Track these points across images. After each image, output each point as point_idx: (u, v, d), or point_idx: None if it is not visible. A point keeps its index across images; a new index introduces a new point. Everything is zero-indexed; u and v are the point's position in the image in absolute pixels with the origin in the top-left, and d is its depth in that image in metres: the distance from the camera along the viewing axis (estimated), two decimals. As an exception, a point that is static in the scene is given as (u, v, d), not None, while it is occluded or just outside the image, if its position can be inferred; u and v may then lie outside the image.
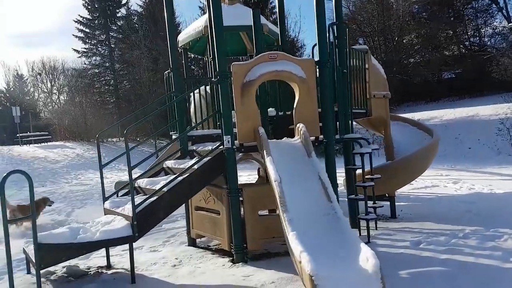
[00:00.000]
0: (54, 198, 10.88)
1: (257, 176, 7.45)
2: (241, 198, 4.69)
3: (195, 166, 4.59)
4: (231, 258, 4.70)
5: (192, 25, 8.05)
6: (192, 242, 5.54)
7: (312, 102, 4.76)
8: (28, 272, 4.71)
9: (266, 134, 4.41)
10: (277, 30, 7.11)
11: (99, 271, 4.66)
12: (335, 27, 5.43)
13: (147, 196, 4.33)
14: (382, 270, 2.83)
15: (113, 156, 22.46)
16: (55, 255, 4.05)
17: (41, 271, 4.01)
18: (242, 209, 4.72)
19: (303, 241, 3.13)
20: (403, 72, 20.98)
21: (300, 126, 4.57)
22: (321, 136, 4.79)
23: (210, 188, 5.01)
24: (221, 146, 4.70)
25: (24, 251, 4.60)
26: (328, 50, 4.94)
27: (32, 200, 4.03)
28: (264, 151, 4.25)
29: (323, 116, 4.85)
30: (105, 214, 4.80)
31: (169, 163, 5.32)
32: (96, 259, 5.04)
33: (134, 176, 4.59)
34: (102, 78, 25.03)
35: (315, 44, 5.20)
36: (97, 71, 24.92)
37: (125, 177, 16.00)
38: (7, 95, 37.17)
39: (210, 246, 5.48)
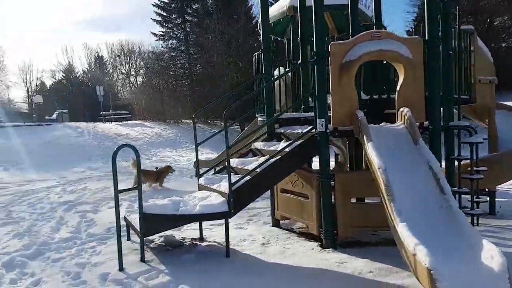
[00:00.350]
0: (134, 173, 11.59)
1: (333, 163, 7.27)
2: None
3: (287, 149, 4.54)
4: (320, 243, 4.62)
5: (275, 6, 7.95)
6: (275, 223, 5.56)
7: (418, 85, 4.45)
8: (128, 239, 5.01)
9: (363, 118, 4.23)
10: (365, 10, 6.79)
11: (194, 242, 4.84)
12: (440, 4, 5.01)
13: (242, 175, 4.37)
14: (510, 269, 2.58)
15: (187, 136, 23.48)
16: (157, 225, 4.27)
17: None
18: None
19: (415, 233, 2.95)
20: (494, 57, 19.19)
21: (405, 110, 4.31)
22: (426, 123, 4.48)
23: (299, 172, 4.94)
24: (313, 130, 4.61)
25: (126, 219, 4.89)
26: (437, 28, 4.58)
27: (139, 171, 4.23)
28: (364, 136, 4.07)
29: (429, 101, 4.53)
30: (199, 190, 4.94)
31: (258, 145, 5.33)
32: (188, 231, 5.23)
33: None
34: (178, 62, 25.95)
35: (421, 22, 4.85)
36: (173, 54, 25.88)
37: (202, 156, 16.62)
38: (89, 75, 40.03)
39: (293, 228, 5.45)
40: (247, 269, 3.93)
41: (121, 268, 4.00)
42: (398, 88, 4.49)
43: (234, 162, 5.02)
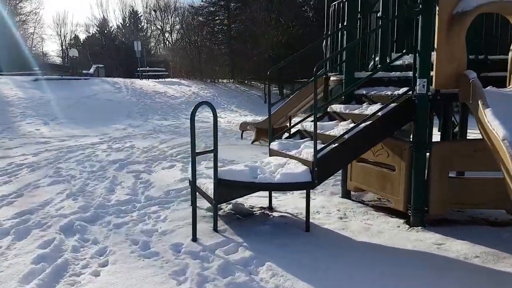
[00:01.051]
0: (180, 132, 11.27)
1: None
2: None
3: (379, 113, 3.96)
4: (406, 220, 4.14)
5: None
6: (346, 195, 5.08)
7: (541, 43, 3.76)
8: (192, 204, 4.66)
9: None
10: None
11: (264, 212, 4.44)
12: None
13: (323, 141, 3.85)
14: None
15: (225, 96, 23.08)
16: (232, 192, 3.89)
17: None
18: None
19: None
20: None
21: (525, 73, 3.64)
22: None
23: (385, 140, 4.38)
24: (410, 92, 4.00)
25: (191, 184, 4.53)
26: None
27: (216, 130, 3.78)
28: (480, 101, 3.45)
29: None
30: (270, 156, 4.48)
31: (336, 108, 4.77)
32: (253, 199, 4.83)
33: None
34: (216, 17, 24.99)
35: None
36: (212, 9, 24.90)
37: (243, 118, 16.21)
38: (123, 30, 39.60)
39: (364, 201, 4.98)
40: (334, 248, 3.50)
41: (194, 239, 3.65)
42: (514, 46, 3.78)
43: (306, 125, 4.51)
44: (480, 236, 3.76)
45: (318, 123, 4.56)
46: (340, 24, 5.17)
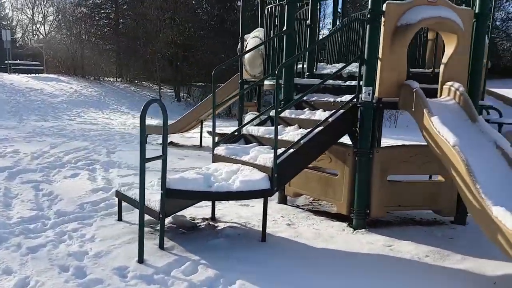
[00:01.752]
0: (69, 135, 9.97)
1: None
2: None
3: (330, 119, 3.96)
4: (348, 223, 4.22)
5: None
6: (283, 200, 5.00)
7: (466, 59, 4.17)
8: (120, 219, 4.06)
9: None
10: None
11: (209, 223, 4.07)
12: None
13: (286, 147, 3.69)
14: None
15: (113, 96, 21.44)
16: (182, 203, 3.48)
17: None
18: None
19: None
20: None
21: (456, 85, 3.99)
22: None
23: (327, 145, 4.41)
24: (354, 100, 4.10)
25: (119, 195, 3.94)
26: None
27: (165, 135, 3.32)
28: (425, 110, 3.68)
29: (471, 77, 4.28)
30: (215, 161, 4.13)
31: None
32: (190, 209, 4.39)
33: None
34: (102, 10, 22.94)
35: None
36: (98, 1, 22.72)
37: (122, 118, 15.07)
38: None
39: (299, 205, 4.97)
40: (297, 258, 3.34)
41: (141, 260, 3.13)
42: (445, 61, 4.14)
43: (258, 130, 4.31)
44: (418, 235, 3.97)
45: (263, 128, 4.43)
46: (276, 28, 5.10)
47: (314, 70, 5.29)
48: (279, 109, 3.94)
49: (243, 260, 3.22)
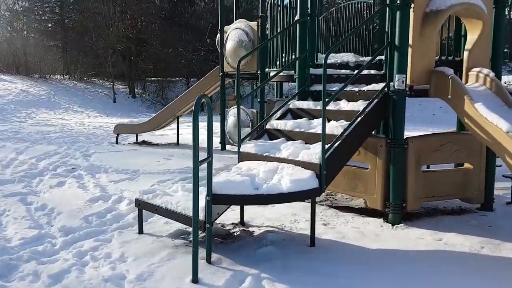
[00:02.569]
0: (28, 139, 9.01)
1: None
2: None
3: (367, 109, 3.75)
4: (384, 218, 4.05)
5: None
6: (301, 198, 4.75)
7: (488, 46, 4.18)
8: (141, 232, 3.60)
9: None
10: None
11: (245, 229, 3.71)
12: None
13: (332, 141, 3.42)
14: None
15: (64, 94, 20.17)
16: (219, 209, 3.18)
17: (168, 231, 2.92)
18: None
19: None
20: None
21: (486, 71, 3.95)
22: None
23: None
24: (385, 89, 3.93)
25: (144, 204, 3.48)
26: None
27: (210, 134, 2.92)
28: (466, 96, 3.59)
29: (492, 64, 4.27)
30: (243, 160, 3.77)
31: (300, 104, 4.40)
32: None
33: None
34: (46, 4, 20.97)
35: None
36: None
37: (94, 119, 14.07)
38: None
39: (317, 202, 4.74)
40: (361, 263, 3.06)
41: (195, 279, 2.73)
42: (469, 47, 4.09)
43: (285, 124, 4.01)
44: (457, 226, 3.87)
45: (291, 121, 4.13)
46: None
47: (316, 61, 5.06)
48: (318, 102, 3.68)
49: (306, 271, 2.93)
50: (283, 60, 5.67)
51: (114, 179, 5.53)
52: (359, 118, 3.64)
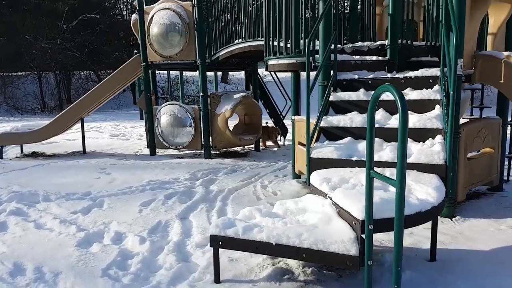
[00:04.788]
0: None
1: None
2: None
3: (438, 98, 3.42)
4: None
5: None
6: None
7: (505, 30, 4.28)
8: (218, 280, 2.56)
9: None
10: None
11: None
12: None
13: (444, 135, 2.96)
14: None
15: None
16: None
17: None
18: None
19: None
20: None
21: (517, 55, 4.04)
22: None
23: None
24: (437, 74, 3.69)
25: (227, 241, 2.47)
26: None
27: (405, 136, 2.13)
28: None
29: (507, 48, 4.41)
30: (318, 168, 3.01)
31: (346, 96, 3.80)
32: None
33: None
34: None
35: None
36: None
37: None
38: None
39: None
40: (496, 274, 2.70)
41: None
42: (494, 30, 4.15)
43: (341, 121, 3.39)
44: (502, 211, 3.84)
45: (358, 117, 3.52)
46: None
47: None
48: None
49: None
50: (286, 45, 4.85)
51: (72, 209, 4.01)
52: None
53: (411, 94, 3.58)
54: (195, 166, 6.06)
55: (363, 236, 2.24)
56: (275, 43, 4.46)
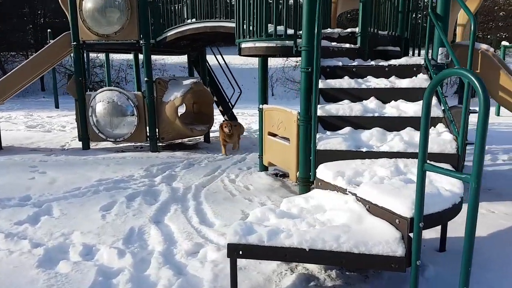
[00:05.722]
0: None
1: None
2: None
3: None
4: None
5: None
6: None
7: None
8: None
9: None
10: None
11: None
12: None
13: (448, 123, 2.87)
14: None
15: None
16: None
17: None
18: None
19: None
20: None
21: (485, 46, 4.16)
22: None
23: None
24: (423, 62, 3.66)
25: (248, 249, 2.11)
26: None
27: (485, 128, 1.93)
28: (501, 70, 3.69)
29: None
30: (326, 160, 2.76)
31: (337, 83, 3.57)
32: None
33: None
34: None
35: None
36: None
37: None
38: None
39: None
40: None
41: None
42: (464, 22, 4.25)
43: (340, 109, 3.17)
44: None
45: (358, 105, 3.31)
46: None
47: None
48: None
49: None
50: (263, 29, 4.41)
51: (15, 219, 3.27)
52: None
53: (400, 82, 3.48)
54: (144, 161, 5.44)
55: (411, 235, 2.04)
56: (250, 25, 4.06)
